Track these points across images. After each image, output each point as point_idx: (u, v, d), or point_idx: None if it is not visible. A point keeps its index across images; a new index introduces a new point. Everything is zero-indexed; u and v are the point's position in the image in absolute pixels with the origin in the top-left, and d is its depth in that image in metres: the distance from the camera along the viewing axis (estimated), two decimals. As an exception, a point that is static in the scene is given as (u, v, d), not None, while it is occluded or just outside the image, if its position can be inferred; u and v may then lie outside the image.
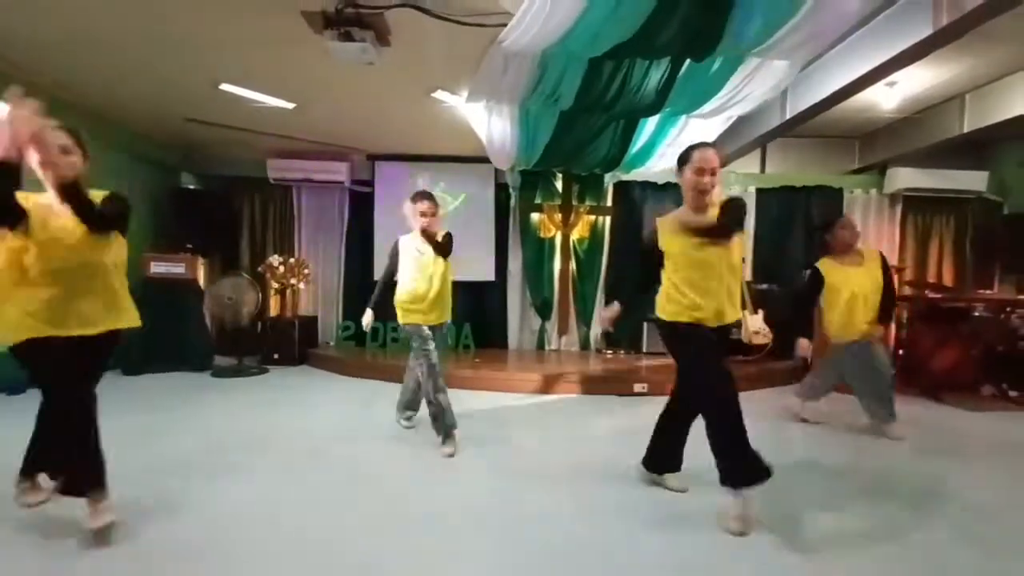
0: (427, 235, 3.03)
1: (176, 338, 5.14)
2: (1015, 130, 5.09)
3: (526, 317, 6.39)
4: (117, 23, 3.28)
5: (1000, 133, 4.96)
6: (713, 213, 2.12)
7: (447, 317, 3.21)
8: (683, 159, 2.16)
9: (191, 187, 6.06)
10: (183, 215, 5.62)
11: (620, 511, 2.18)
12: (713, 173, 2.08)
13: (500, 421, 3.59)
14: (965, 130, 4.67)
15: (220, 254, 6.15)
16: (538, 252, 6.28)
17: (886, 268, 3.31)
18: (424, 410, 3.11)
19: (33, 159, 1.59)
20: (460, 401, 3.33)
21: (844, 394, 3.71)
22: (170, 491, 2.29)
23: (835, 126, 5.62)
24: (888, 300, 3.25)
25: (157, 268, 5.21)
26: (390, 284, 3.17)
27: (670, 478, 2.38)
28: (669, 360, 2.38)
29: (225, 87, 4.21)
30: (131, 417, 3.48)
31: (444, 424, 2.92)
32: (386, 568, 1.76)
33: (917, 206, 6.12)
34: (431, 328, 3.07)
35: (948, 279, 6.08)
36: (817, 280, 3.34)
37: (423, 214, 3.01)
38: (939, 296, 5.22)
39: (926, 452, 3.08)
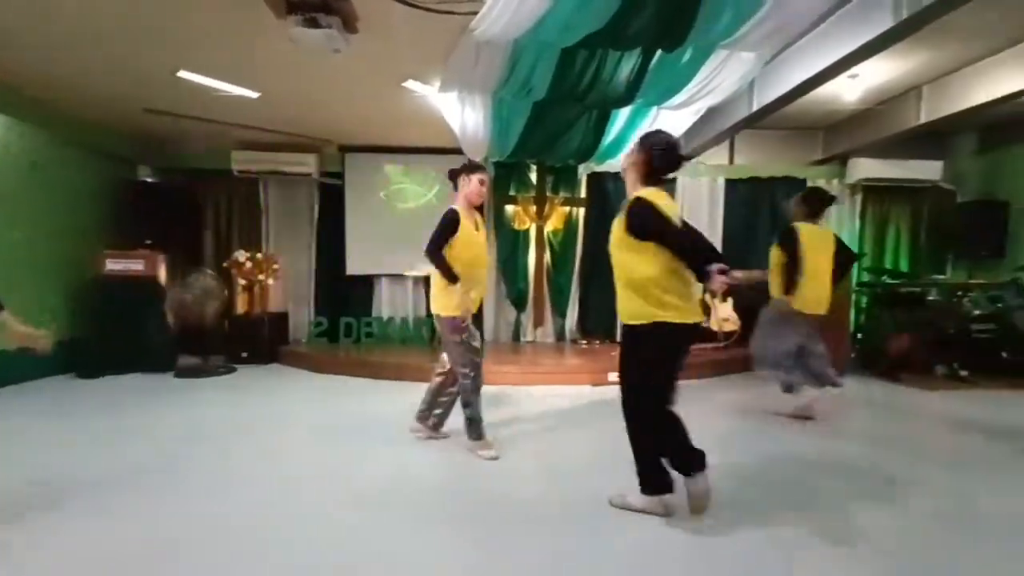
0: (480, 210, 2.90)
1: (136, 338, 4.93)
2: (969, 121, 5.34)
3: (501, 309, 6.38)
4: (67, 6, 3.08)
5: (955, 124, 5.18)
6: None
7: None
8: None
9: (149, 180, 5.79)
10: (141, 210, 5.37)
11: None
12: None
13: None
14: (922, 121, 4.85)
15: (182, 250, 5.91)
16: (513, 244, 6.26)
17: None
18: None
19: None
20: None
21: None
22: (125, 498, 2.20)
23: (800, 118, 5.76)
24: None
25: (113, 265, 4.97)
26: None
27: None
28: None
29: (184, 75, 4.02)
30: (86, 422, 3.33)
31: (479, 429, 2.78)
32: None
33: (876, 195, 6.35)
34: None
35: (904, 265, 6.35)
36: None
37: (482, 183, 2.77)
38: (896, 282, 5.46)
39: (886, 432, 3.23)
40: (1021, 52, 3.99)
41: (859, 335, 5.51)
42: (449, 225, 2.65)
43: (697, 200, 6.30)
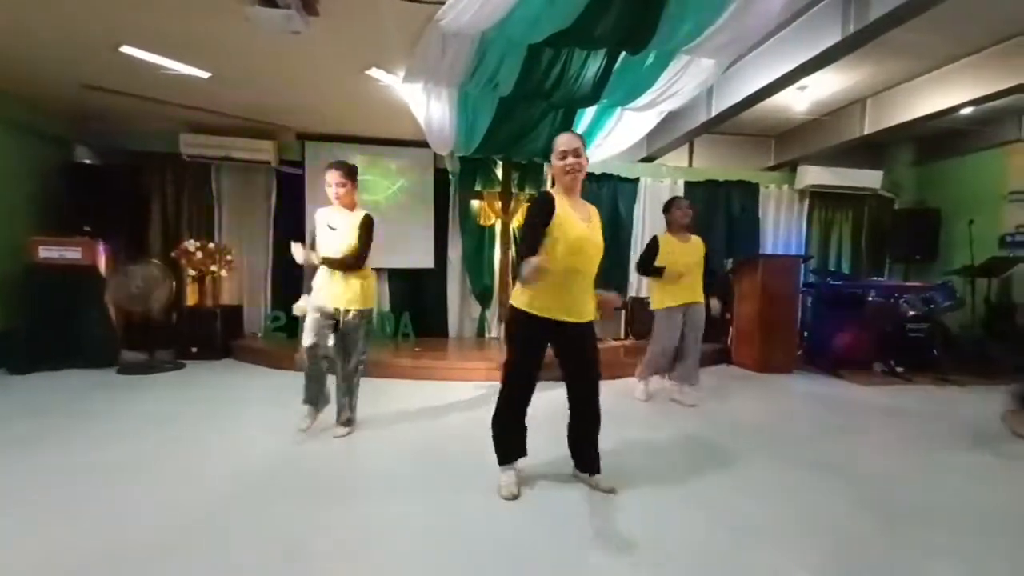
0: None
1: (73, 331, 4.61)
2: (906, 133, 5.72)
3: (466, 305, 6.35)
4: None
5: (894, 136, 5.54)
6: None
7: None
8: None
9: (88, 162, 5.41)
10: (78, 194, 5.01)
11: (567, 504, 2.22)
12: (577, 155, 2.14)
13: (442, 411, 3.55)
14: (865, 132, 5.16)
15: (125, 238, 5.56)
16: (478, 240, 6.23)
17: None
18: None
19: None
20: (400, 392, 3.25)
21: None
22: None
23: (753, 125, 6.01)
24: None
25: (47, 253, 4.63)
26: None
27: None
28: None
29: (127, 50, 3.77)
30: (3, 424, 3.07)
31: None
32: None
33: (822, 201, 6.72)
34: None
35: (847, 267, 6.75)
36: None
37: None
38: (839, 283, 5.79)
39: (827, 422, 3.42)
40: (954, 71, 4.31)
41: (805, 333, 5.81)
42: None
43: (658, 200, 6.46)
